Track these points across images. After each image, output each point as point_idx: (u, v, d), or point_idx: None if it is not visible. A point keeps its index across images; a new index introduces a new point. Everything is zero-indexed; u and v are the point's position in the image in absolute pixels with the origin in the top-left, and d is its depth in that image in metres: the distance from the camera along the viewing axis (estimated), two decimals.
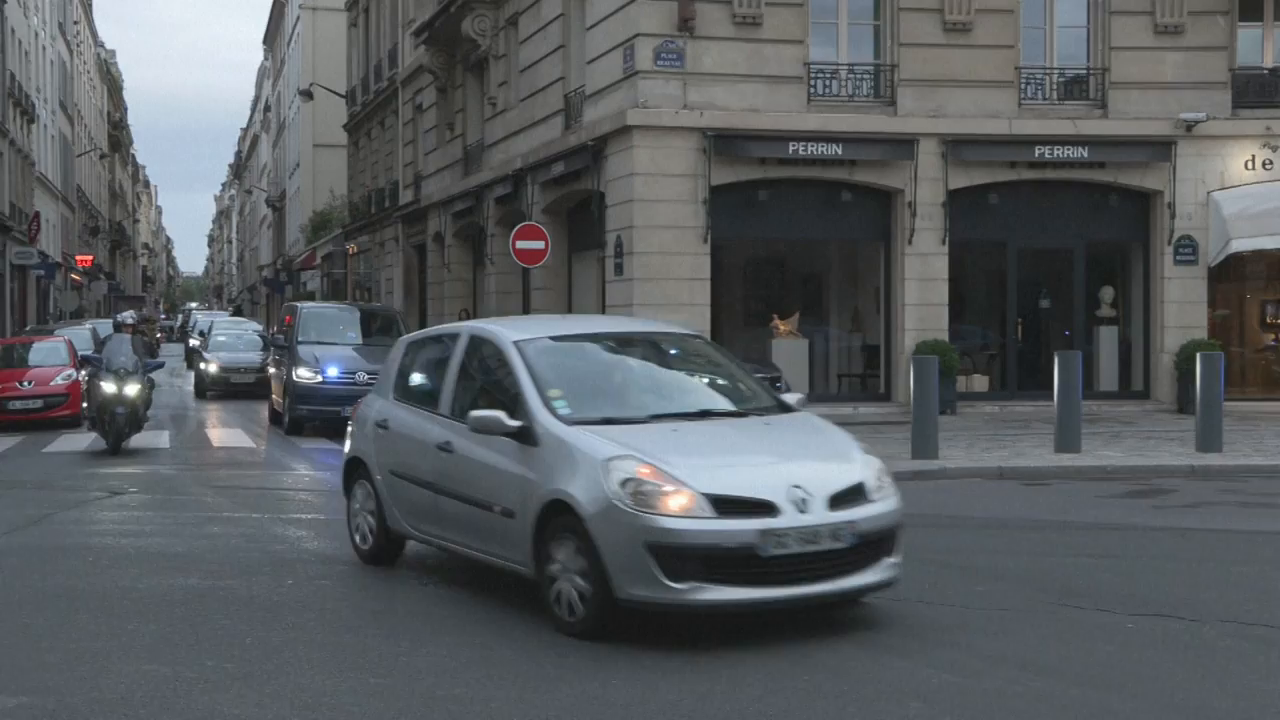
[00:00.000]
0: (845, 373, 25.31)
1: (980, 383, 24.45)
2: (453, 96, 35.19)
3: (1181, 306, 23.99)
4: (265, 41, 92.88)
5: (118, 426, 19.42)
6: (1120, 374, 24.64)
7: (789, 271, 26.22)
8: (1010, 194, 24.31)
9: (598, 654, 7.32)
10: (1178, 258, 23.99)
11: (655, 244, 22.90)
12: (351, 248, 51.79)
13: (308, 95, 59.47)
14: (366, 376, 20.53)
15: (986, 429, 20.37)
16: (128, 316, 45.36)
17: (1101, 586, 9.04)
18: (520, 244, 23.95)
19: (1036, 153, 23.69)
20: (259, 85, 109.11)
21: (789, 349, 23.67)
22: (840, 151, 23.28)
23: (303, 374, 22.31)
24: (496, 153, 30.84)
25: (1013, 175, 24.10)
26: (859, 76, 23.96)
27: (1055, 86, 24.29)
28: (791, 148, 23.07)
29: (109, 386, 19.52)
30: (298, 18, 66.01)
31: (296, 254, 68.12)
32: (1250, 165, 23.96)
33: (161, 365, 23.02)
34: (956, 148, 23.65)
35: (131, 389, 19.55)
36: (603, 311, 24.20)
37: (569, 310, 26.99)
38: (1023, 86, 24.06)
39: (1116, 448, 17.44)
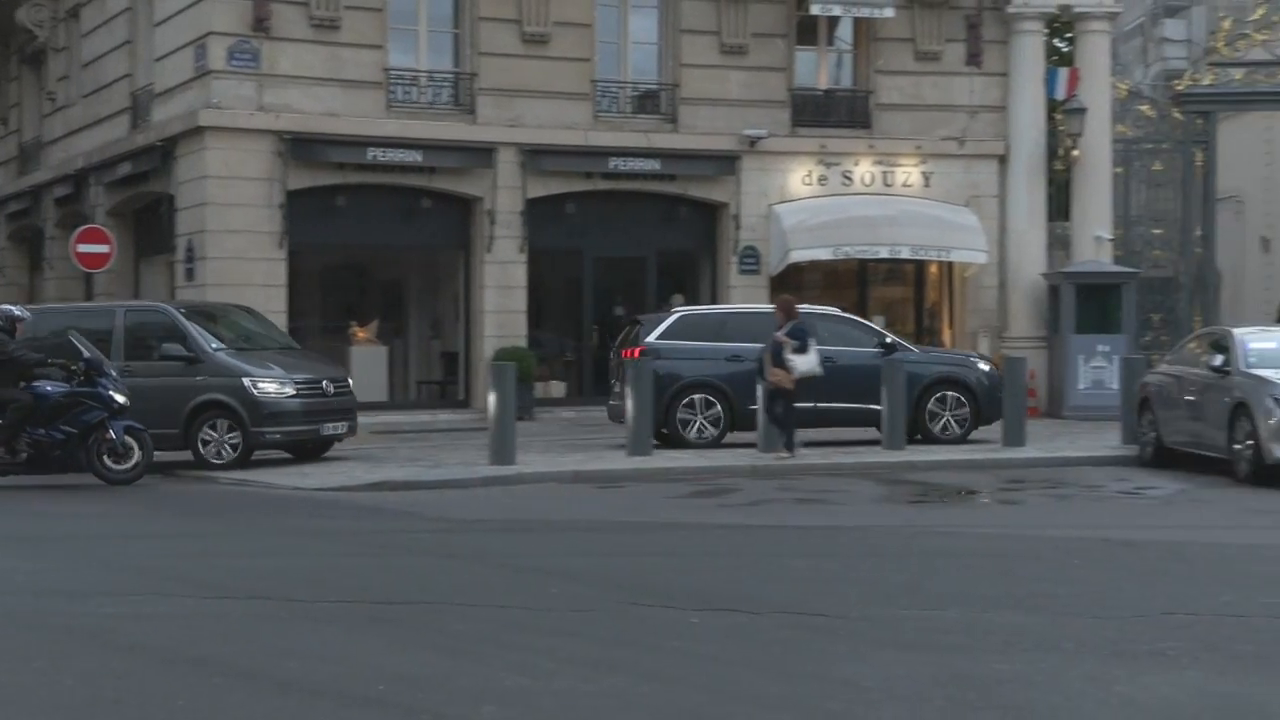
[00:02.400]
0: (425, 380, 25.30)
1: (558, 389, 24.92)
2: (6, 90, 33.06)
3: None
4: None
5: None
6: None
7: (368, 278, 26.00)
8: (586, 203, 24.91)
9: None
10: (742, 267, 25.16)
11: (229, 249, 22.24)
12: None
13: None
14: None
15: (563, 434, 20.77)
16: None
17: (670, 584, 9.34)
18: (82, 247, 22.78)
19: (611, 164, 24.37)
20: None
21: (368, 356, 23.48)
22: (420, 158, 23.26)
23: None
24: (56, 151, 29.19)
25: (589, 185, 24.69)
26: (439, 84, 24.02)
27: (629, 100, 25.06)
28: (370, 153, 22.89)
29: None
30: None
31: None
32: (808, 180, 25.40)
33: None
34: (534, 157, 24.03)
35: None
36: None
37: None
38: (598, 99, 24.70)
39: (685, 450, 18.11)
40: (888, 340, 19.22)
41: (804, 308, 19.70)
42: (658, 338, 18.91)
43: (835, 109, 25.91)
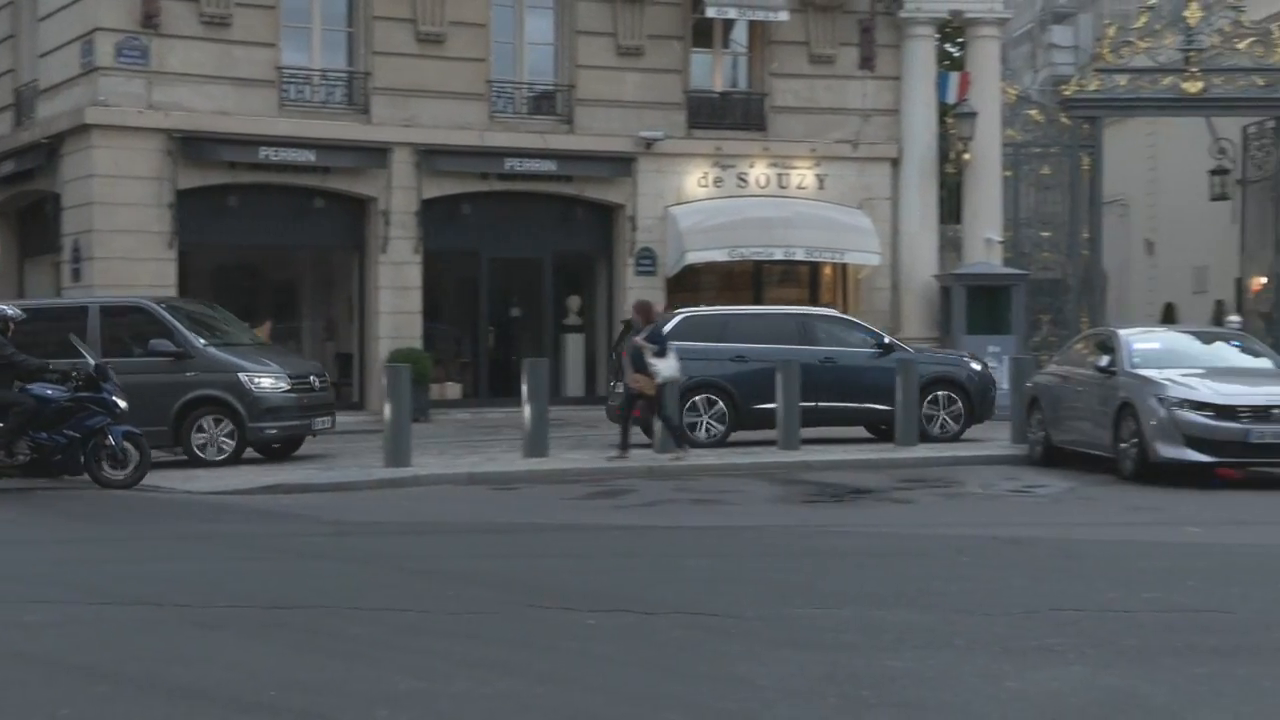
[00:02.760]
0: None
1: (454, 390, 24.80)
2: None
3: None
4: None
5: None
6: (587, 380, 25.64)
7: (261, 279, 25.70)
8: (482, 204, 24.82)
9: None
10: (638, 268, 25.22)
11: (117, 249, 21.87)
12: None
13: None
14: None
15: (459, 436, 20.67)
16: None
17: (566, 585, 9.34)
18: None
19: (507, 165, 24.31)
20: None
21: None
22: (313, 158, 23.05)
23: None
24: None
25: (484, 186, 24.60)
26: (332, 83, 23.80)
27: (525, 101, 25.01)
28: (263, 153, 22.63)
29: None
30: None
31: None
32: (704, 182, 25.52)
33: None
34: (430, 157, 23.90)
35: None
36: None
37: None
38: (494, 99, 24.62)
39: (582, 451, 18.11)
40: (885, 341, 19.61)
41: (808, 310, 20.22)
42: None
43: (730, 111, 26.06)
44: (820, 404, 18.60)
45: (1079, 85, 26.67)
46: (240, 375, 16.85)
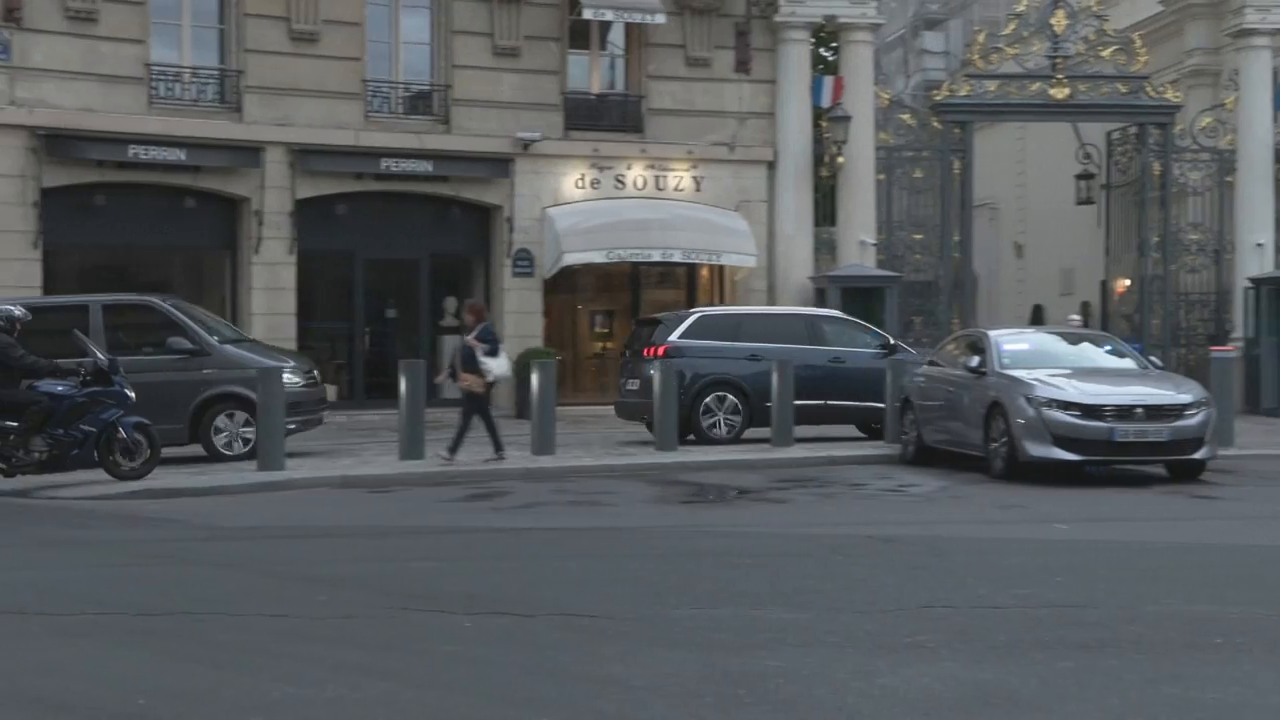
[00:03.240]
0: None
1: (329, 392, 24.45)
2: None
3: (519, 316, 25.16)
4: None
5: None
6: None
7: (130, 280, 25.07)
8: (358, 205, 24.58)
9: None
10: (515, 270, 25.14)
11: None
12: None
13: None
14: None
15: (334, 438, 20.43)
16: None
17: (442, 588, 9.27)
18: None
19: (383, 165, 24.10)
20: None
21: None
22: (184, 157, 22.66)
23: None
24: None
25: (360, 186, 24.37)
26: (204, 81, 23.43)
27: (401, 100, 24.81)
28: (131, 151, 22.20)
29: None
30: None
31: None
32: (581, 184, 25.51)
33: None
34: (304, 157, 23.61)
35: None
36: None
37: None
38: (369, 99, 24.40)
39: (459, 454, 17.98)
40: (890, 342, 20.19)
41: (817, 311, 20.39)
42: (679, 337, 19.60)
43: (608, 113, 26.09)
44: (829, 402, 19.46)
45: (950, 90, 27.10)
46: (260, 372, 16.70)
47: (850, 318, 21.63)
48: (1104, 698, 6.43)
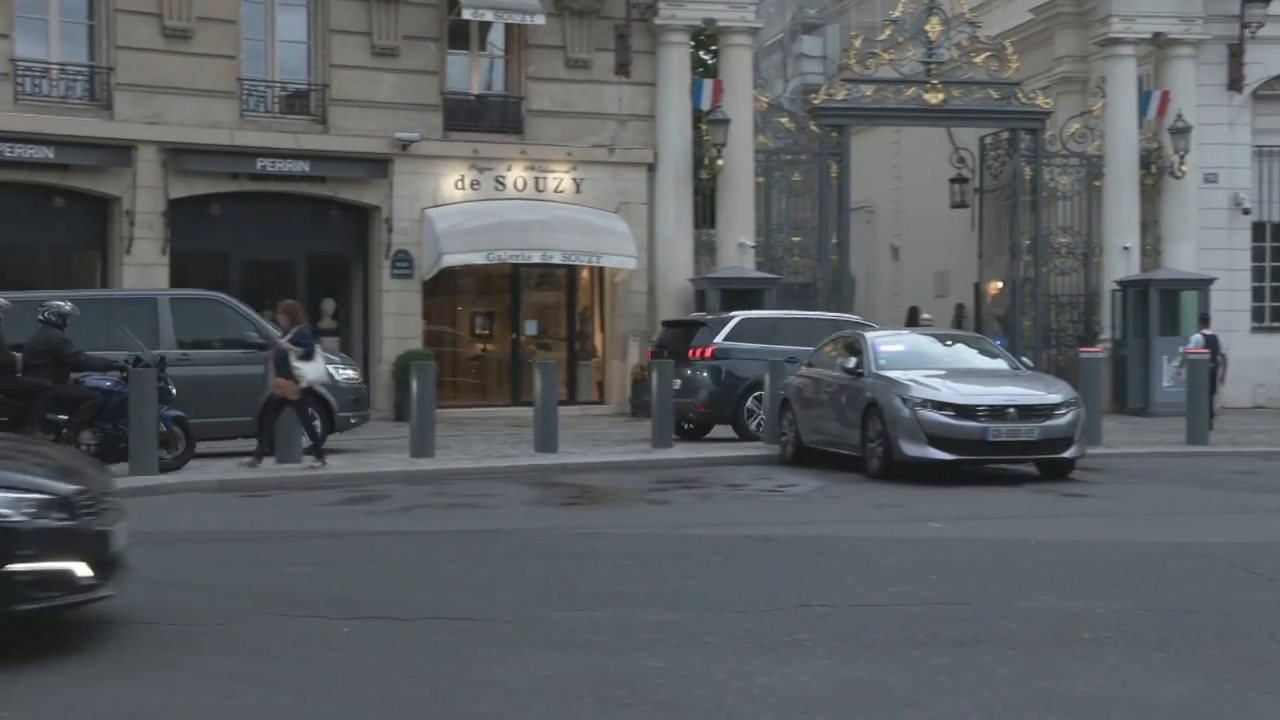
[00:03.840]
0: None
1: None
2: None
3: (398, 318, 24.97)
4: None
5: None
6: None
7: None
8: (233, 205, 24.23)
9: None
10: (394, 271, 24.94)
11: None
12: None
13: None
14: None
15: (210, 442, 20.06)
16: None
17: (320, 594, 9.17)
18: None
19: (259, 165, 23.78)
20: None
21: None
22: (52, 155, 22.19)
23: None
24: None
25: (235, 186, 24.03)
26: (72, 77, 22.95)
27: (277, 100, 24.52)
28: None
29: None
30: None
31: None
32: (461, 185, 25.39)
33: None
34: (177, 157, 23.23)
35: None
36: None
37: None
38: (244, 98, 24.06)
39: (337, 457, 17.80)
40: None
41: (846, 316, 20.70)
42: (724, 340, 20.55)
43: (487, 114, 26.00)
44: None
45: (827, 95, 27.39)
46: (328, 368, 17.21)
47: (868, 323, 22.25)
48: (977, 693, 6.55)
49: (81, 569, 7.50)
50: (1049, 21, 30.34)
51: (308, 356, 16.11)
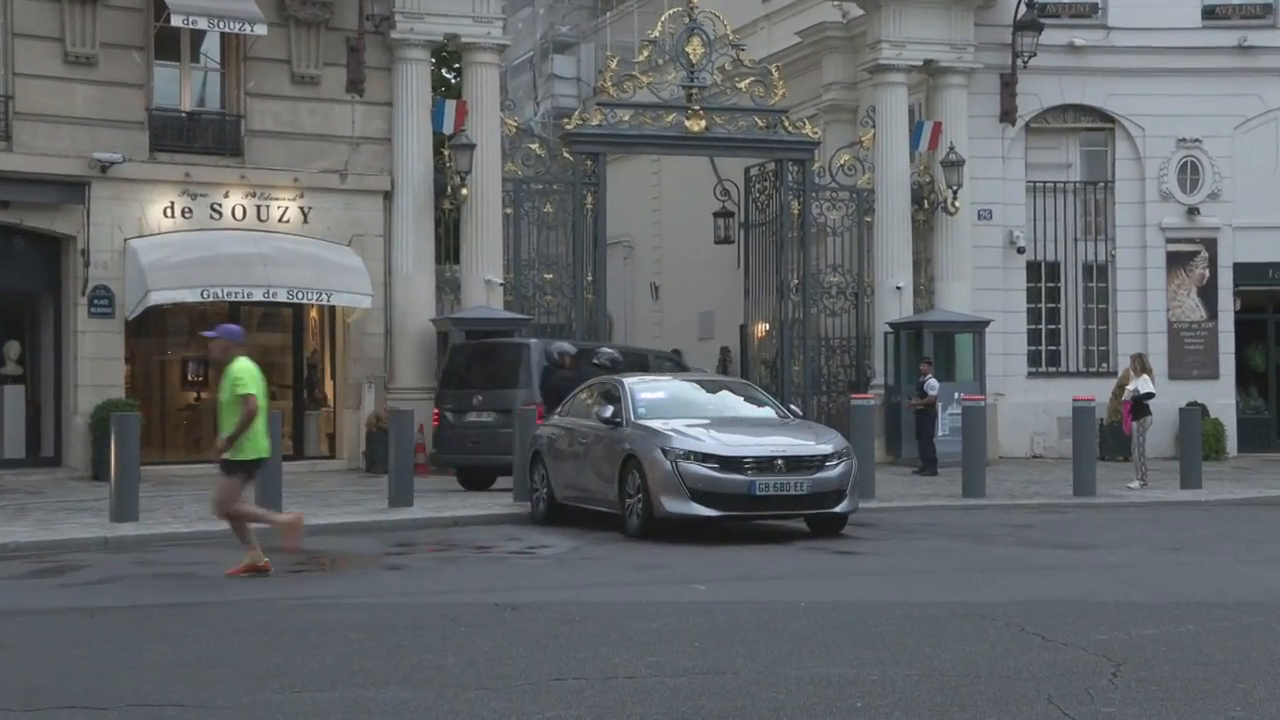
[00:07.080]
0: None
1: None
2: None
3: (97, 363, 24.16)
4: None
5: None
6: (29, 439, 24.32)
7: None
8: None
9: None
10: (93, 310, 24.14)
11: None
12: None
13: None
14: None
15: None
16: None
17: None
18: None
19: None
20: None
21: None
22: None
23: None
24: None
25: None
26: None
27: None
28: None
29: None
30: None
31: None
32: (170, 212, 24.75)
33: None
34: None
35: None
36: None
37: None
38: None
39: (22, 522, 17.13)
40: None
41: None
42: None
43: (201, 133, 25.43)
44: None
45: (581, 120, 27.63)
46: None
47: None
48: None
49: None
50: (816, 46, 31.23)
51: None
